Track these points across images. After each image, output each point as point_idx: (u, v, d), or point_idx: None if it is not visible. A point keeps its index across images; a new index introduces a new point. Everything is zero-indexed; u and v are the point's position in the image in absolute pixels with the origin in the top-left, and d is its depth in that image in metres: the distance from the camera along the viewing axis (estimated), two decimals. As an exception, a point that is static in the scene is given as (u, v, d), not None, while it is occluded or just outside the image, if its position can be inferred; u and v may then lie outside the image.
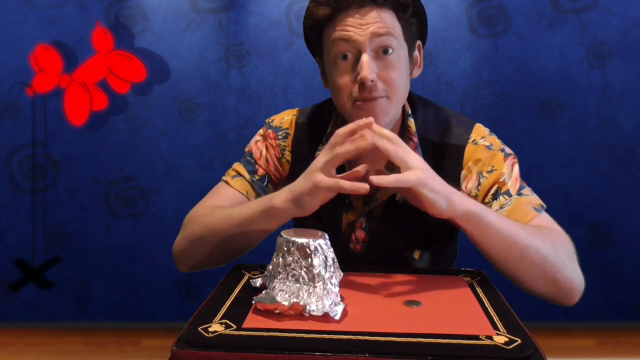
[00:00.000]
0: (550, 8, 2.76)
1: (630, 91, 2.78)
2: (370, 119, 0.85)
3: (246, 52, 2.79)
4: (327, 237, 0.75)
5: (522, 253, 0.87)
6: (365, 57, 0.93)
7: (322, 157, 0.86)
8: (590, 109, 2.78)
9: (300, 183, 0.87)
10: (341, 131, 0.85)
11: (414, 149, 1.01)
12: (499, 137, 1.08)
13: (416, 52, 1.04)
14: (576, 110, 2.78)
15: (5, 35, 2.76)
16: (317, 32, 1.01)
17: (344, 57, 0.96)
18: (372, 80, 0.93)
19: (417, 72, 1.05)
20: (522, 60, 2.78)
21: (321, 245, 0.73)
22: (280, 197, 0.88)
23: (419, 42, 1.05)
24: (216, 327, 0.67)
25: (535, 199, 1.00)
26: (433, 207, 0.84)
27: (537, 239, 0.89)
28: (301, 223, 1.06)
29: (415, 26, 1.03)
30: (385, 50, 0.95)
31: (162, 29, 2.78)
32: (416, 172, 0.82)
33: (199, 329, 0.66)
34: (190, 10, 2.78)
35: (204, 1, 2.77)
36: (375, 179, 0.81)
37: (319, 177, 0.84)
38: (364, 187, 0.82)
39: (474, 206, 0.87)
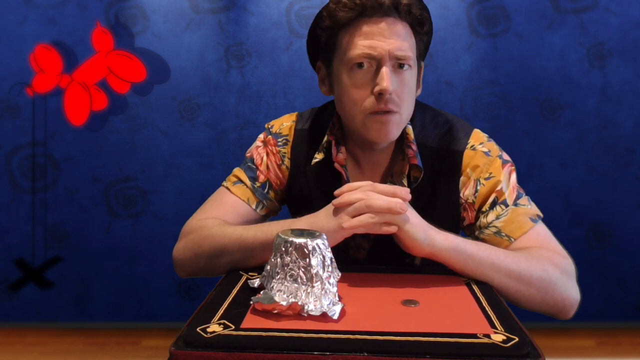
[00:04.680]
0: (550, 8, 2.76)
1: (630, 91, 2.78)
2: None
3: (246, 52, 2.79)
4: (325, 237, 0.75)
5: (506, 280, 0.88)
6: (385, 69, 0.93)
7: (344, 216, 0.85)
8: (590, 109, 2.78)
9: (323, 220, 0.87)
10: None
11: (413, 156, 1.01)
12: (499, 138, 1.08)
13: (419, 72, 1.05)
14: (576, 110, 2.78)
15: (5, 35, 2.77)
16: (331, 34, 0.99)
17: (360, 65, 0.95)
18: (390, 93, 0.93)
19: (418, 92, 1.05)
20: (522, 60, 2.77)
21: (319, 245, 0.73)
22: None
23: (422, 63, 1.05)
24: (214, 328, 0.67)
25: (532, 209, 1.00)
26: (413, 240, 0.85)
27: (522, 264, 0.89)
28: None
29: (424, 44, 1.03)
30: (401, 65, 0.96)
31: (162, 29, 2.78)
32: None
33: (198, 329, 0.66)
34: (190, 10, 2.78)
35: (204, 1, 2.77)
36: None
37: (344, 219, 0.84)
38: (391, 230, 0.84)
39: (453, 240, 0.87)
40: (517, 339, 0.65)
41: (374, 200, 0.82)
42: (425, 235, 0.85)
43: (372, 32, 0.94)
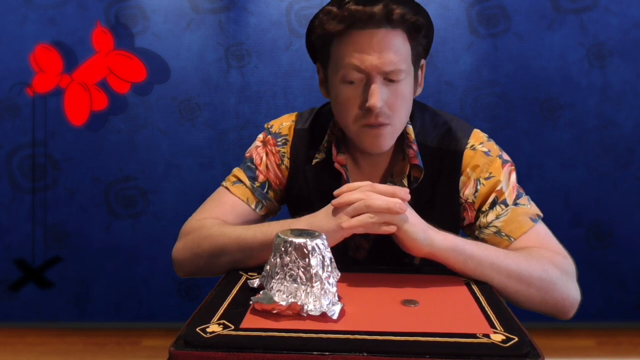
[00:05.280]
0: (550, 8, 2.76)
1: (630, 91, 2.78)
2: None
3: (246, 52, 2.79)
4: (324, 237, 0.75)
5: (506, 280, 0.88)
6: (374, 86, 0.93)
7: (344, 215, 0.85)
8: (590, 109, 2.78)
9: (323, 220, 0.87)
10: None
11: (414, 156, 1.01)
12: (499, 138, 1.08)
13: (419, 71, 1.04)
14: (576, 110, 2.78)
15: (5, 35, 2.77)
16: (324, 44, 0.99)
17: (351, 81, 0.95)
18: (379, 108, 0.93)
19: (419, 91, 1.04)
20: (522, 60, 2.77)
21: (318, 245, 0.73)
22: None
23: (423, 61, 1.04)
24: (214, 328, 0.67)
25: (532, 209, 1.00)
26: (413, 240, 0.85)
27: (522, 264, 0.89)
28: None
29: (424, 46, 1.02)
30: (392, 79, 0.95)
31: (162, 29, 2.78)
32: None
33: (197, 329, 0.66)
34: (190, 10, 2.78)
35: (204, 1, 2.77)
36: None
37: (343, 219, 0.84)
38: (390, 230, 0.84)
39: (452, 240, 0.87)
40: (516, 339, 0.65)
41: (373, 200, 0.83)
42: (424, 235, 0.85)
43: (362, 46, 0.93)
